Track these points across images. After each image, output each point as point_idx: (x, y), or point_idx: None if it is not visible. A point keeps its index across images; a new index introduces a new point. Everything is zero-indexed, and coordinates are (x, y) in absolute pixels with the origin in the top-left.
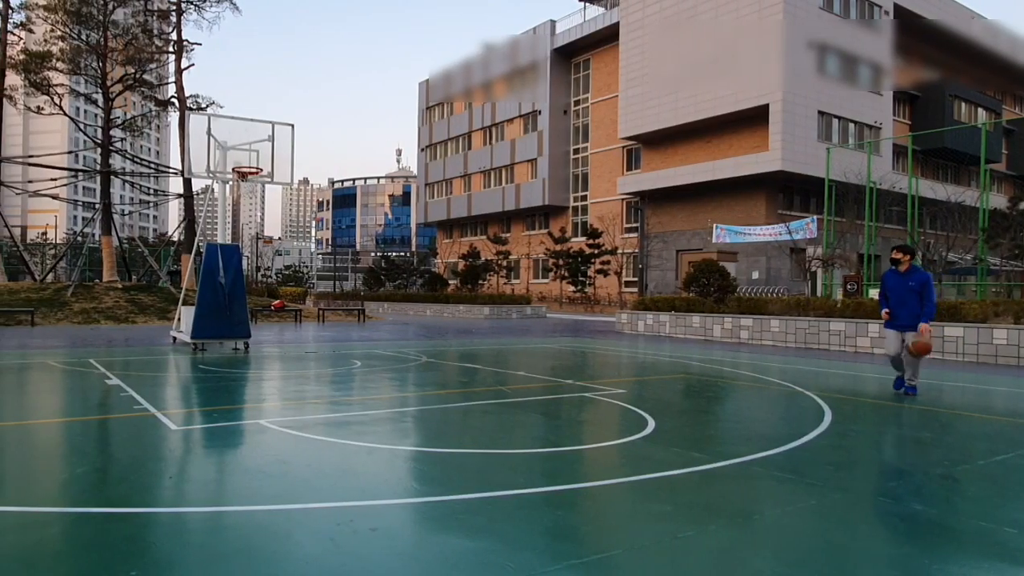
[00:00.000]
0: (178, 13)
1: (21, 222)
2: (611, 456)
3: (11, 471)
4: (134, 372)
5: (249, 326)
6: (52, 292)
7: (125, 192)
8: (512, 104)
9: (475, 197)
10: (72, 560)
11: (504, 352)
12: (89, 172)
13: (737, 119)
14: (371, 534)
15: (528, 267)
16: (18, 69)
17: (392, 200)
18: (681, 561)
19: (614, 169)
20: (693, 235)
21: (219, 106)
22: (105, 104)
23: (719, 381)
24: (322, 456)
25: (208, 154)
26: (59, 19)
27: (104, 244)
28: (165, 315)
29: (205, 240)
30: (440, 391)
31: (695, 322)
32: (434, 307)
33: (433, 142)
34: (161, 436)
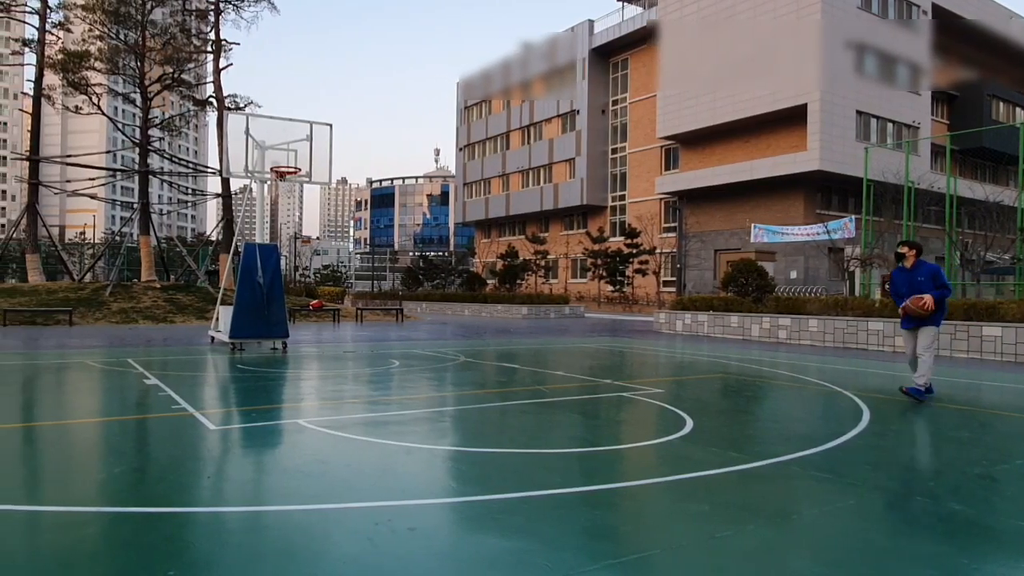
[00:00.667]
0: (216, 13)
1: (59, 222)
2: (649, 456)
3: (50, 471)
4: (172, 372)
5: (287, 326)
6: (90, 292)
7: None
8: (550, 104)
9: (513, 197)
10: (110, 560)
11: (542, 352)
12: (127, 172)
13: (775, 119)
14: (409, 534)
15: (566, 267)
16: (56, 69)
17: (430, 200)
18: (719, 561)
19: (652, 169)
20: (731, 235)
21: (257, 106)
22: (143, 104)
23: (757, 381)
24: (360, 456)
25: (246, 154)
26: (97, 19)
27: (142, 244)
28: (203, 315)
29: (243, 240)
30: (478, 391)
31: (733, 322)
32: (472, 307)
33: (471, 142)
34: (199, 436)
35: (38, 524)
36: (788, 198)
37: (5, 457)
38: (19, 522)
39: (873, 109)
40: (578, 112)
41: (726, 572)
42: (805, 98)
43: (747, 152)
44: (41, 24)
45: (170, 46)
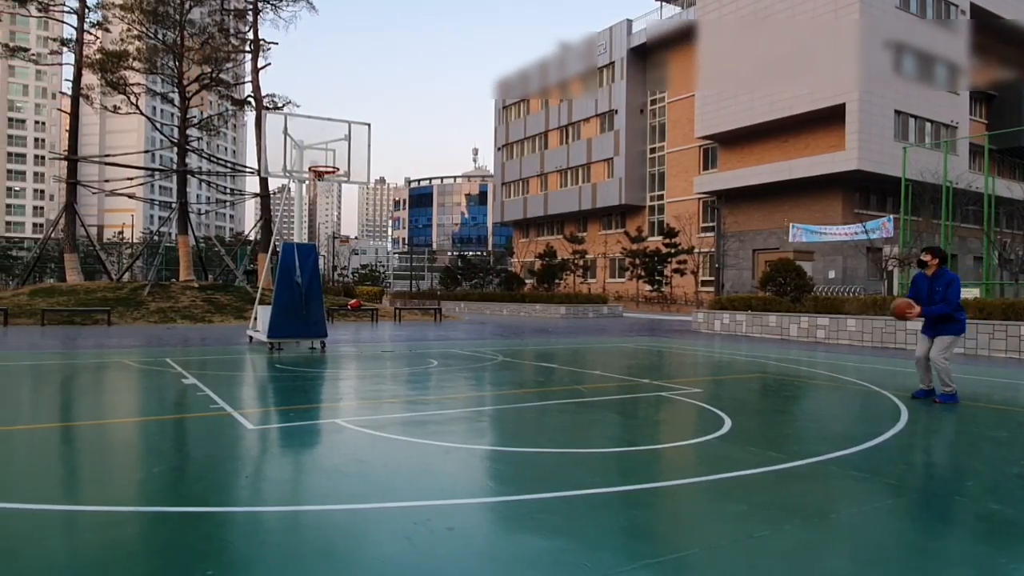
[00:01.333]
0: (254, 12)
1: (98, 221)
2: (687, 455)
3: (89, 470)
4: (210, 371)
5: (325, 325)
6: (129, 291)
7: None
8: (588, 103)
9: (551, 196)
10: (149, 559)
11: (580, 351)
12: (166, 171)
13: (813, 118)
14: (448, 533)
15: (604, 266)
16: (95, 68)
17: (468, 199)
18: (757, 561)
19: (690, 168)
20: (769, 234)
21: (295, 105)
22: (181, 103)
23: (795, 380)
24: (399, 456)
25: (284, 153)
26: (135, 19)
27: (180, 243)
28: (241, 314)
29: (281, 239)
30: (516, 390)
31: (771, 321)
32: (510, 306)
33: (510, 141)
34: (238, 435)
35: (78, 524)
36: (826, 198)
37: (45, 457)
38: (59, 522)
39: (911, 109)
40: (616, 112)
41: (764, 572)
42: (843, 98)
43: (785, 152)
44: (79, 24)
45: (208, 46)
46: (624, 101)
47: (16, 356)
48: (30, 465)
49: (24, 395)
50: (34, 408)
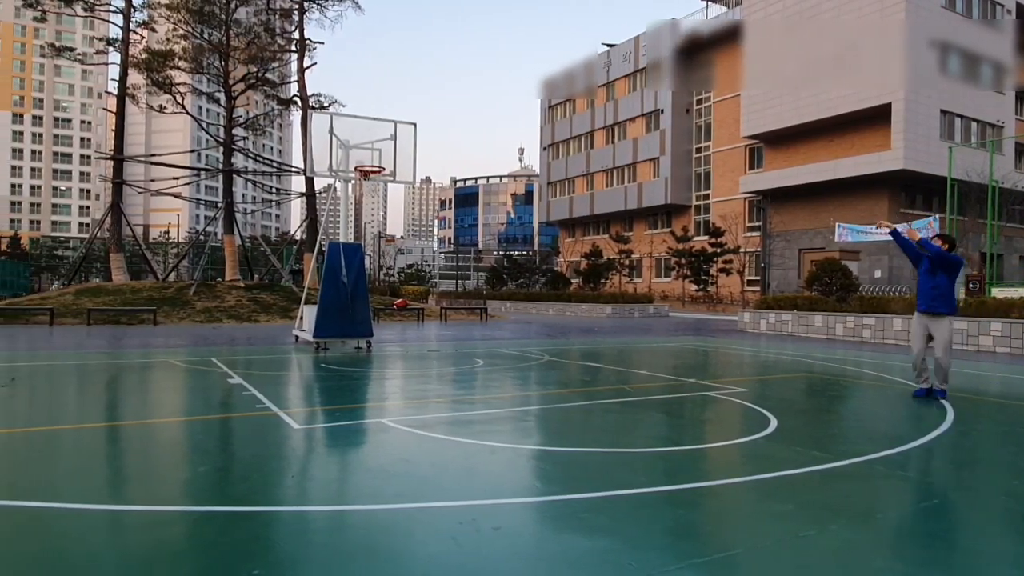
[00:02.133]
0: (300, 12)
1: (143, 221)
2: (732, 455)
3: (135, 470)
4: (256, 371)
5: (371, 325)
6: (174, 291)
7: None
8: (634, 103)
9: (597, 196)
10: (194, 559)
11: (626, 351)
12: (211, 171)
13: (859, 118)
14: (493, 533)
15: (650, 266)
16: (140, 68)
17: (514, 199)
18: (802, 560)
19: (736, 168)
20: (815, 234)
21: (341, 105)
22: (227, 103)
23: (841, 380)
24: (444, 455)
25: (330, 153)
26: (181, 18)
27: (226, 243)
28: (287, 314)
29: (327, 239)
30: (562, 390)
31: (817, 321)
32: (556, 306)
33: (555, 141)
34: (283, 435)
35: (124, 523)
36: (872, 197)
37: (92, 457)
38: (105, 521)
39: (957, 108)
40: (662, 111)
41: (810, 571)
42: (889, 97)
43: (831, 151)
44: (125, 23)
45: (254, 45)
46: (670, 101)
47: (62, 356)
48: (77, 465)
49: (71, 395)
50: (80, 408)
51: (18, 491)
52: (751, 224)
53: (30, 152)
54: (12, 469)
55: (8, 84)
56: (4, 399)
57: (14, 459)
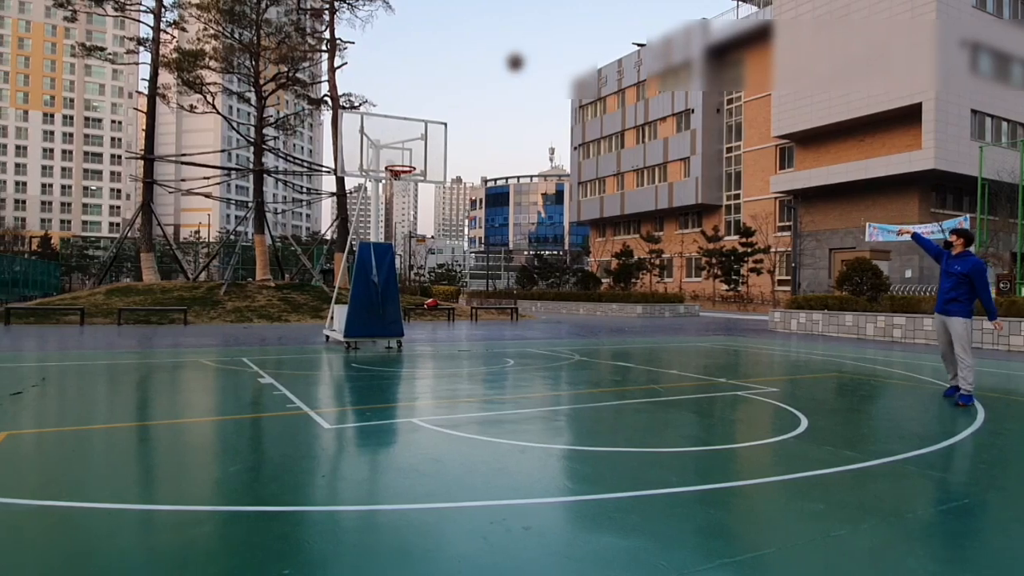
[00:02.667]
0: (331, 12)
1: (174, 221)
2: (763, 454)
3: (165, 470)
4: (287, 371)
5: (402, 324)
6: (205, 291)
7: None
8: (665, 102)
9: (628, 196)
10: (225, 558)
11: (656, 351)
12: (242, 171)
13: (890, 118)
14: (524, 533)
15: (681, 266)
16: (171, 68)
17: (545, 199)
18: (834, 560)
19: (767, 167)
20: (846, 234)
21: (372, 104)
22: (258, 102)
23: (872, 380)
24: (475, 454)
25: (361, 152)
26: (212, 18)
27: (257, 243)
28: (318, 314)
29: (358, 238)
30: (593, 389)
31: (848, 321)
32: (587, 306)
33: (586, 140)
34: (314, 434)
35: (155, 523)
36: (903, 197)
37: (123, 456)
38: (136, 521)
39: (988, 108)
40: (693, 111)
41: (841, 571)
42: (920, 97)
43: (862, 151)
44: (156, 23)
45: (285, 45)
46: (700, 100)
47: (93, 356)
48: (107, 464)
49: (101, 395)
50: (111, 408)
51: (50, 491)
52: (782, 224)
53: (60, 152)
54: (44, 469)
55: (39, 84)
56: (35, 399)
57: (46, 459)
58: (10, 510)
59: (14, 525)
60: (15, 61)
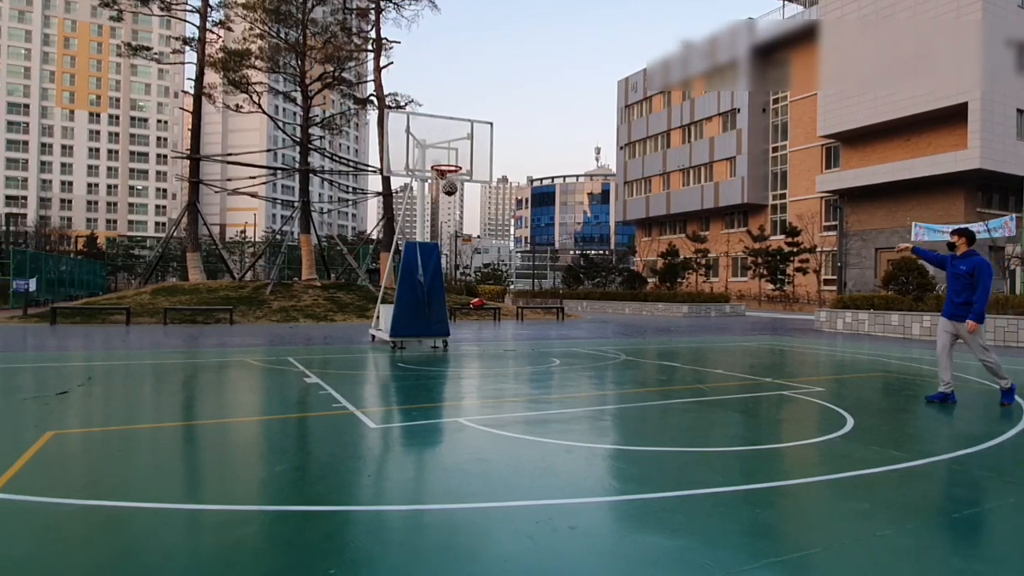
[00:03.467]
0: (377, 11)
1: (220, 220)
2: (809, 454)
3: (211, 469)
4: (332, 370)
5: (448, 324)
6: (251, 290)
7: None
8: (710, 102)
9: (674, 195)
10: (271, 558)
11: (702, 350)
12: (288, 170)
13: (935, 117)
14: (570, 532)
15: (727, 265)
16: (217, 67)
17: (591, 198)
18: (880, 560)
19: (813, 167)
20: (892, 233)
21: (417, 104)
22: (304, 102)
23: (918, 379)
24: (521, 454)
25: (407, 152)
26: (258, 17)
27: (303, 242)
28: (364, 313)
29: (404, 238)
30: (638, 389)
31: (894, 320)
32: (633, 305)
33: (632, 140)
34: (360, 434)
35: (201, 522)
36: (949, 196)
37: (168, 456)
38: (182, 520)
39: None
40: (739, 110)
41: (887, 571)
42: (965, 97)
43: (907, 150)
44: (202, 23)
45: (331, 44)
46: (746, 100)
47: (139, 355)
48: (153, 464)
49: (147, 394)
50: (158, 407)
51: (96, 491)
52: (827, 223)
53: (106, 151)
54: (90, 469)
55: (85, 84)
56: (81, 399)
57: (92, 459)
58: (56, 510)
59: (60, 525)
60: (61, 61)
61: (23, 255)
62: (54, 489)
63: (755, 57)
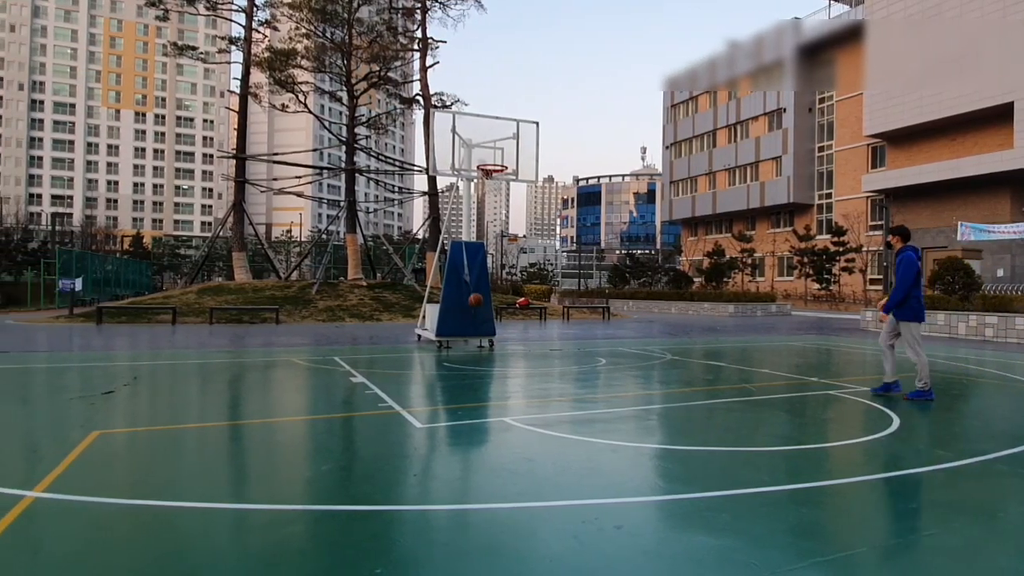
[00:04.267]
0: (423, 11)
1: (266, 220)
2: (855, 454)
3: (258, 469)
4: (379, 370)
5: (494, 324)
6: (297, 290)
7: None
8: (756, 102)
9: (720, 195)
10: (317, 557)
11: (748, 350)
12: (334, 170)
13: (981, 116)
14: (616, 532)
15: (772, 265)
16: (263, 67)
17: (636, 198)
18: (925, 559)
19: (859, 167)
20: (938, 233)
21: (463, 104)
22: (350, 102)
23: (964, 379)
24: (567, 454)
25: (453, 152)
26: (304, 17)
27: (349, 242)
28: (410, 313)
29: (450, 238)
30: (684, 389)
31: (939, 320)
32: (678, 305)
33: (678, 140)
34: (406, 434)
35: (247, 522)
36: (994, 196)
37: (214, 455)
38: (229, 520)
39: None
40: (784, 110)
41: (933, 570)
42: (1011, 96)
43: (953, 150)
44: (248, 22)
45: (377, 44)
46: (792, 99)
47: (185, 355)
48: (199, 464)
49: (193, 394)
50: (204, 407)
51: (141, 490)
52: (873, 223)
53: (152, 151)
54: (136, 468)
55: (131, 83)
56: (127, 398)
57: (138, 458)
58: (102, 509)
59: (106, 524)
60: (107, 60)
61: (69, 255)
62: (100, 489)
63: (801, 57)
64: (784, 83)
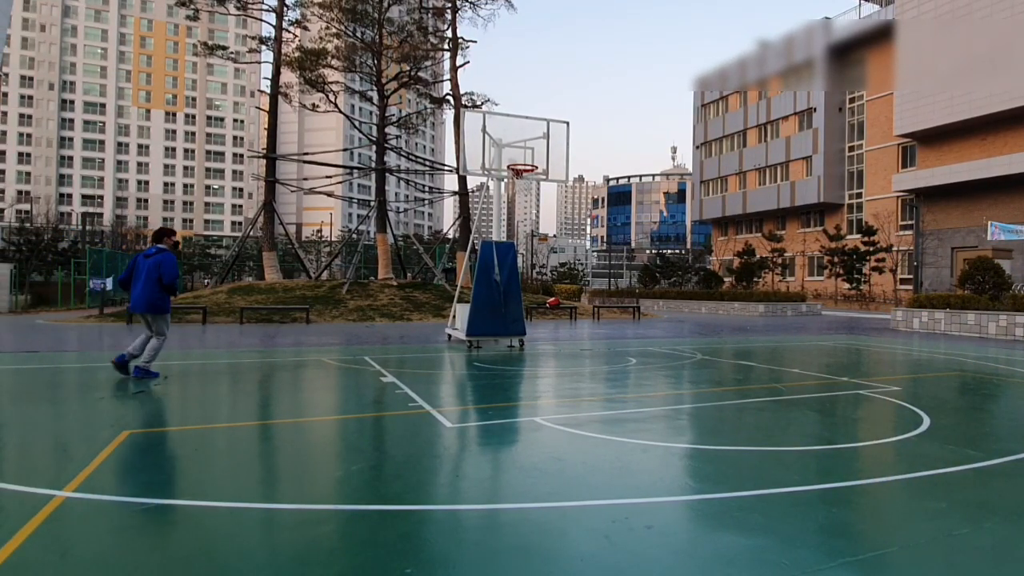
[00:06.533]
0: (453, 11)
1: (296, 219)
2: (885, 453)
3: (288, 468)
4: (409, 369)
5: (524, 323)
6: (327, 289)
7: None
8: (787, 101)
9: (750, 194)
10: (347, 557)
11: (778, 349)
12: (364, 169)
13: (1012, 116)
14: (646, 531)
15: (803, 264)
16: (293, 67)
17: (667, 197)
18: (956, 559)
19: (889, 166)
20: (968, 232)
21: (494, 103)
22: (380, 101)
23: (994, 379)
24: (597, 453)
25: (483, 151)
26: (334, 16)
27: (379, 242)
28: (440, 312)
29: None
30: (715, 388)
31: (970, 320)
32: (709, 304)
33: (708, 139)
34: (436, 433)
35: (277, 521)
36: None
37: (244, 455)
38: (259, 519)
39: None
40: (815, 110)
41: (964, 570)
42: None
43: (984, 149)
44: (278, 22)
45: (407, 44)
46: (822, 99)
47: (215, 355)
48: (229, 463)
49: (223, 393)
50: (234, 406)
51: (171, 490)
52: (904, 223)
53: (183, 151)
54: (166, 468)
55: (161, 83)
56: (157, 398)
57: (168, 458)
58: (131, 509)
59: (136, 524)
60: (137, 60)
61: (100, 254)
62: (130, 488)
63: (831, 57)
64: (814, 83)
